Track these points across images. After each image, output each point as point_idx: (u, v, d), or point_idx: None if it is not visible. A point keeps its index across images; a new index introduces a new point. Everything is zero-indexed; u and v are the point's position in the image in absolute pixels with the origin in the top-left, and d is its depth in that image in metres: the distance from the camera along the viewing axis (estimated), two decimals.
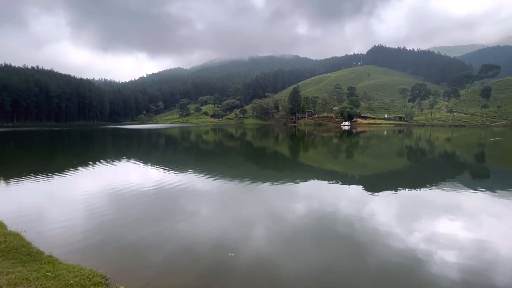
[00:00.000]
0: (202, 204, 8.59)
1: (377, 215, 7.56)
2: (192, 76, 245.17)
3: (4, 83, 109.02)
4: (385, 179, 13.23)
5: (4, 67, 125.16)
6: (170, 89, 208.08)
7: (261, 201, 9.10)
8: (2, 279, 3.24)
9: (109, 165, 16.32)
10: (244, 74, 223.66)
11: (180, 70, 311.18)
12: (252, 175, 13.30)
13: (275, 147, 29.59)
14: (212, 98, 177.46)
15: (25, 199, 8.72)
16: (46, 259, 4.16)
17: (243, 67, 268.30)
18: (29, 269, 3.70)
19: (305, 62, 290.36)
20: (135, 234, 5.98)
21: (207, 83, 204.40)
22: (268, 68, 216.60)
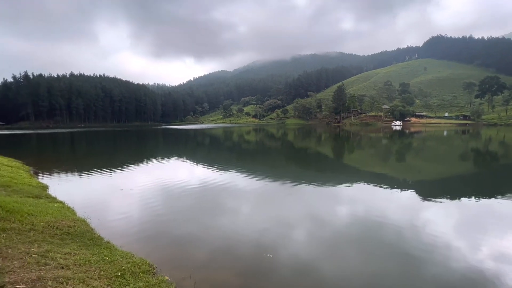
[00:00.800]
0: (243, 203, 8.72)
1: (433, 225, 6.69)
2: (235, 78, 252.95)
3: (79, 90, 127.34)
4: (444, 185, 11.69)
5: (78, 76, 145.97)
6: (214, 91, 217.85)
7: (302, 202, 8.83)
8: (70, 259, 3.68)
9: (161, 162, 17.75)
10: (286, 74, 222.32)
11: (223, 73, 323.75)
12: (293, 176, 13.04)
13: (318, 147, 28.63)
14: (254, 99, 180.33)
15: (92, 190, 9.92)
16: (105, 244, 4.63)
17: (285, 67, 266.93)
18: (91, 252, 4.15)
19: (351, 59, 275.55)
20: (181, 228, 6.33)
21: (249, 84, 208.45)
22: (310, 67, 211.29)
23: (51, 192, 8.55)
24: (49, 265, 3.36)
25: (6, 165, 11.50)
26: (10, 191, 6.94)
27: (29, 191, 7.40)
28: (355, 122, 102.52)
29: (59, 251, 3.91)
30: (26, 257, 3.44)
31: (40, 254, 3.63)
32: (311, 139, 39.07)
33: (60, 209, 6.13)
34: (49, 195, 7.80)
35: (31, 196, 6.97)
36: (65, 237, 4.61)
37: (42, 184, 9.46)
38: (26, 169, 12.35)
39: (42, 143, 34.58)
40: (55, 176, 12.19)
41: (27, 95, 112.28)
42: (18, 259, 3.36)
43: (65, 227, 4.96)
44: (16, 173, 10.17)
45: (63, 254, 3.83)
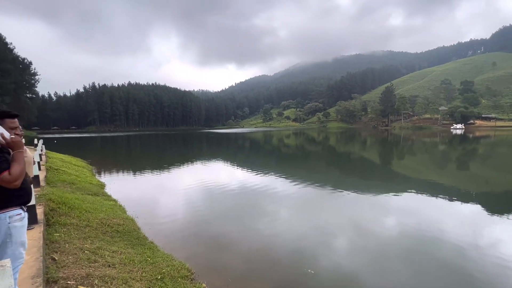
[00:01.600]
0: (282, 208, 8.46)
1: (503, 245, 5.58)
2: (275, 82, 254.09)
3: (134, 97, 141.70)
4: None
5: (134, 85, 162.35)
6: (255, 95, 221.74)
7: (344, 210, 8.23)
8: (116, 257, 3.87)
9: (204, 164, 18.49)
10: (327, 76, 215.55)
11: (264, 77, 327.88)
12: (335, 181, 12.33)
13: (362, 152, 26.79)
14: (294, 103, 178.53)
15: (142, 189, 10.69)
16: (148, 244, 4.83)
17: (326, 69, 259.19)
18: (135, 251, 4.34)
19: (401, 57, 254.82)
20: (220, 231, 6.34)
21: (290, 87, 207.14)
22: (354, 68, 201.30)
23: (107, 190, 9.43)
24: (98, 263, 3.56)
25: (74, 165, 13.15)
26: (74, 188, 7.82)
27: (89, 189, 8.25)
28: (406, 125, 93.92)
29: (108, 248, 4.16)
30: (79, 252, 3.72)
31: (92, 250, 3.90)
32: (355, 144, 36.85)
33: (112, 207, 6.66)
34: (105, 193, 8.59)
35: (90, 193, 7.75)
36: (115, 234, 4.93)
37: (101, 182, 10.51)
38: (89, 168, 13.95)
39: (104, 145, 39.06)
40: (112, 175, 13.52)
41: (94, 103, 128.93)
42: (73, 254, 3.64)
43: (115, 225, 5.33)
44: (80, 172, 11.53)
45: (111, 252, 4.06)
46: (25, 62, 79.46)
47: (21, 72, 76.74)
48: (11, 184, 1.86)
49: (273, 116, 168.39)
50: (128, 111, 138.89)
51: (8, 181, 1.84)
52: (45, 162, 10.85)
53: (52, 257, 3.42)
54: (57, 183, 7.87)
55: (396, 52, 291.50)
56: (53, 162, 11.82)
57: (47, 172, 8.72)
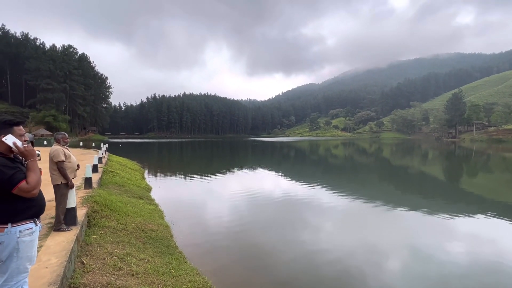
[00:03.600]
0: (327, 223, 7.80)
1: None
2: (323, 90, 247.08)
3: (188, 107, 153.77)
4: None
5: (188, 95, 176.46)
6: (301, 104, 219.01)
7: (399, 230, 7.24)
8: (142, 266, 3.81)
9: (248, 172, 18.65)
10: (381, 83, 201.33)
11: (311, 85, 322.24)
12: (389, 198, 10.98)
13: (423, 167, 23.59)
14: (343, 111, 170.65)
15: (184, 195, 10.97)
16: (177, 254, 4.72)
17: (380, 76, 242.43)
18: (162, 261, 4.26)
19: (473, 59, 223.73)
20: (256, 247, 5.94)
21: (338, 95, 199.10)
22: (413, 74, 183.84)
23: (152, 193, 9.95)
24: (122, 270, 3.53)
25: (128, 167, 14.43)
26: (122, 190, 8.41)
27: (136, 192, 8.78)
28: (480, 137, 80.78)
29: (136, 255, 4.16)
30: (108, 258, 3.77)
31: (120, 256, 3.92)
32: (413, 157, 32.91)
33: (151, 212, 6.88)
34: (149, 197, 9.04)
35: (135, 196, 8.22)
36: (147, 240, 4.97)
37: (148, 185, 11.20)
38: (141, 172, 15.15)
39: (159, 149, 42.69)
40: (159, 179, 14.42)
41: (154, 112, 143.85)
42: (102, 259, 3.70)
43: (149, 231, 5.41)
44: (132, 175, 12.52)
45: (138, 259, 4.04)
46: (102, 77, 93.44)
47: (99, 85, 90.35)
48: (29, 193, 1.86)
49: (320, 125, 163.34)
50: (182, 119, 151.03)
51: (26, 190, 1.83)
52: (104, 165, 12.11)
53: (82, 261, 3.50)
54: (109, 185, 8.58)
55: (466, 54, 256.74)
56: (111, 165, 13.13)
57: (102, 174, 9.63)
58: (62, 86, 72.65)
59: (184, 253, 4.96)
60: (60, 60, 73.80)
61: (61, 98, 72.57)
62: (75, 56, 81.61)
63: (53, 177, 4.10)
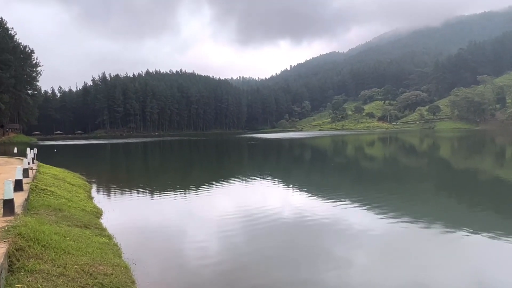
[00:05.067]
0: (360, 254, 7.89)
1: None
2: (351, 62, 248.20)
3: (153, 90, 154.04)
4: None
5: (154, 74, 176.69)
6: (319, 83, 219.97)
7: (467, 262, 7.53)
8: None
9: (245, 184, 18.91)
10: (435, 49, 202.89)
11: (333, 55, 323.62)
12: (449, 217, 11.18)
13: (499, 171, 23.77)
14: (380, 92, 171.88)
15: (151, 220, 10.99)
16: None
17: (433, 39, 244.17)
18: None
19: None
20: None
21: (373, 70, 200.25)
22: (482, 35, 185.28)
23: (103, 220, 9.94)
24: None
25: (68, 183, 14.43)
26: (60, 217, 8.37)
27: (79, 218, 8.75)
28: None
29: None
30: None
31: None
32: (484, 156, 33.33)
33: (102, 247, 6.85)
34: (99, 225, 9.02)
35: (79, 225, 8.19)
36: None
37: (97, 208, 11.19)
38: (87, 188, 15.16)
39: (114, 155, 42.72)
40: (114, 198, 14.44)
41: (104, 99, 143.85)
42: None
43: (100, 275, 5.37)
44: (74, 193, 12.51)
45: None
46: (27, 51, 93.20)
47: (22, 63, 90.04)
48: None
49: (347, 113, 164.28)
50: (145, 109, 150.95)
51: None
52: (31, 179, 12.07)
53: None
54: (39, 209, 8.54)
55: None
56: (42, 180, 13.10)
57: (29, 194, 9.59)
58: None
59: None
60: None
61: None
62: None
63: None
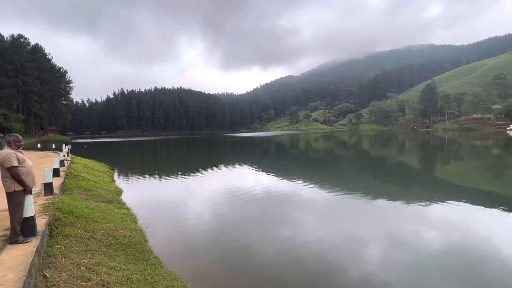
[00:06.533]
0: (309, 217, 8.06)
1: None
2: (302, 83, 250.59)
3: (160, 102, 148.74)
4: None
5: (160, 90, 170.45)
6: (280, 97, 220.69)
7: (379, 220, 7.69)
8: (114, 275, 3.68)
9: (227, 169, 18.60)
10: (359, 74, 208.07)
11: (290, 78, 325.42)
12: (369, 189, 11.52)
13: (400, 157, 24.98)
14: (322, 104, 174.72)
15: (159, 197, 10.69)
16: (152, 260, 4.61)
17: (358, 67, 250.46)
18: (136, 268, 4.14)
19: (444, 51, 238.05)
20: (238, 247, 5.94)
21: (318, 88, 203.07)
22: (389, 65, 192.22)
23: (123, 197, 9.59)
24: (92, 281, 3.39)
25: (95, 170, 13.75)
26: (89, 195, 8.01)
27: (104, 196, 8.41)
28: (452, 126, 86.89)
29: (107, 264, 4.00)
30: (74, 269, 3.59)
31: (89, 266, 3.75)
32: (391, 147, 34.69)
33: (122, 216, 6.64)
34: (120, 200, 8.70)
35: (104, 201, 7.87)
36: (118, 247, 4.80)
37: (118, 189, 10.77)
38: (110, 174, 14.50)
39: (129, 149, 41.07)
40: (131, 181, 13.90)
41: (122, 108, 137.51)
42: (67, 270, 3.51)
43: (121, 237, 5.22)
44: (100, 177, 11.96)
45: (109, 268, 3.89)
46: (61, 70, 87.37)
47: (57, 80, 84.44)
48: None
49: (300, 119, 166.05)
50: (154, 115, 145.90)
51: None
52: (66, 168, 11.42)
53: (44, 275, 3.31)
54: (73, 190, 8.13)
55: (438, 46, 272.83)
56: (75, 168, 12.43)
57: (65, 179, 9.09)
58: (13, 81, 66.89)
59: (161, 258, 4.86)
60: (9, 51, 67.70)
61: (12, 94, 66.86)
62: (27, 48, 75.29)
63: (5, 185, 3.80)
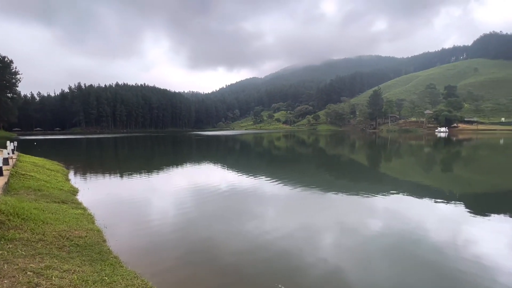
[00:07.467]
0: (270, 210, 8.27)
1: (480, 244, 5.84)
2: (266, 84, 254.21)
3: (122, 98, 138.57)
4: (499, 201, 9.86)
5: (122, 86, 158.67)
6: (245, 97, 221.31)
7: (332, 211, 8.23)
8: (66, 278, 3.36)
9: (192, 167, 18.08)
10: (317, 79, 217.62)
11: (254, 80, 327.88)
12: (325, 184, 12.15)
13: (351, 155, 26.82)
14: (284, 105, 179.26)
15: (120, 196, 9.94)
16: (111, 260, 4.31)
17: (316, 72, 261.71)
18: (92, 269, 3.82)
19: (388, 62, 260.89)
20: (199, 243, 5.81)
21: (280, 90, 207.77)
22: (343, 72, 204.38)
23: (79, 196, 8.76)
24: (41, 286, 3.05)
25: (47, 169, 12.31)
26: (39, 195, 7.16)
27: (57, 196, 7.59)
28: (393, 128, 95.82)
29: (59, 267, 3.63)
30: (19, 275, 3.19)
31: (37, 271, 3.37)
32: (344, 146, 37.03)
33: (78, 217, 6.07)
34: (76, 200, 7.94)
35: (57, 201, 7.10)
36: (73, 249, 4.38)
37: (73, 188, 9.79)
38: (64, 173, 13.11)
39: (88, 147, 37.63)
40: (88, 179, 12.73)
41: (80, 104, 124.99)
42: (10, 277, 3.11)
43: (76, 238, 4.78)
44: (52, 176, 10.75)
45: (62, 271, 3.54)
46: (6, 60, 76.41)
47: (1, 71, 73.75)
48: None
49: (263, 119, 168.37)
50: (116, 112, 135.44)
51: None
52: (11, 167, 10.04)
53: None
54: (19, 190, 7.19)
55: (383, 57, 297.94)
56: (22, 167, 10.98)
57: (9, 178, 7.98)
58: None
59: (120, 258, 4.56)
60: None
61: None
62: None
63: None
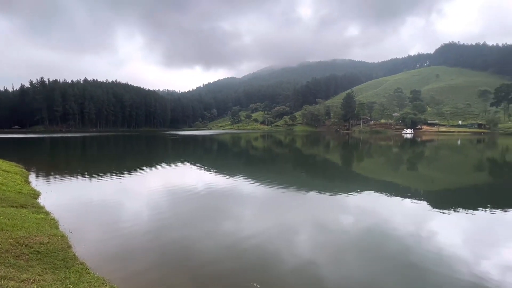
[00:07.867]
0: (247, 210, 8.30)
1: (442, 236, 6.38)
2: (244, 85, 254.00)
3: (91, 95, 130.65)
4: (457, 196, 10.79)
5: (92, 82, 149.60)
6: (223, 97, 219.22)
7: (308, 209, 8.47)
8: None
9: (167, 167, 17.53)
10: (294, 80, 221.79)
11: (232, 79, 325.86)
12: (301, 183, 12.40)
13: (326, 155, 27.71)
14: (262, 105, 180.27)
15: (87, 199, 9.32)
16: (76, 266, 4.03)
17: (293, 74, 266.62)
18: (55, 277, 3.55)
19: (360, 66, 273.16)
20: (172, 244, 5.65)
21: (258, 90, 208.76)
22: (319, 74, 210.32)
23: (41, 200, 8.10)
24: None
25: (3, 170, 11.22)
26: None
27: (15, 200, 6.95)
28: (365, 129, 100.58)
29: (16, 277, 3.32)
30: None
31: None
32: (319, 146, 38.14)
33: (39, 222, 5.61)
34: (37, 204, 7.32)
35: (15, 205, 6.50)
36: (33, 257, 4.03)
37: (34, 191, 9.03)
38: (24, 175, 12.04)
39: (52, 147, 34.97)
40: (52, 182, 11.81)
41: (42, 100, 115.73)
42: None
43: (36, 245, 4.40)
44: (10, 179, 9.81)
45: (19, 281, 3.23)
46: None
47: None
48: None
49: (241, 119, 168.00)
50: (84, 110, 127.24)
51: None
52: None
53: None
54: None
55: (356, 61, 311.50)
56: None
57: None
58: None
59: (88, 264, 4.27)
60: None
61: None
62: None
63: None
